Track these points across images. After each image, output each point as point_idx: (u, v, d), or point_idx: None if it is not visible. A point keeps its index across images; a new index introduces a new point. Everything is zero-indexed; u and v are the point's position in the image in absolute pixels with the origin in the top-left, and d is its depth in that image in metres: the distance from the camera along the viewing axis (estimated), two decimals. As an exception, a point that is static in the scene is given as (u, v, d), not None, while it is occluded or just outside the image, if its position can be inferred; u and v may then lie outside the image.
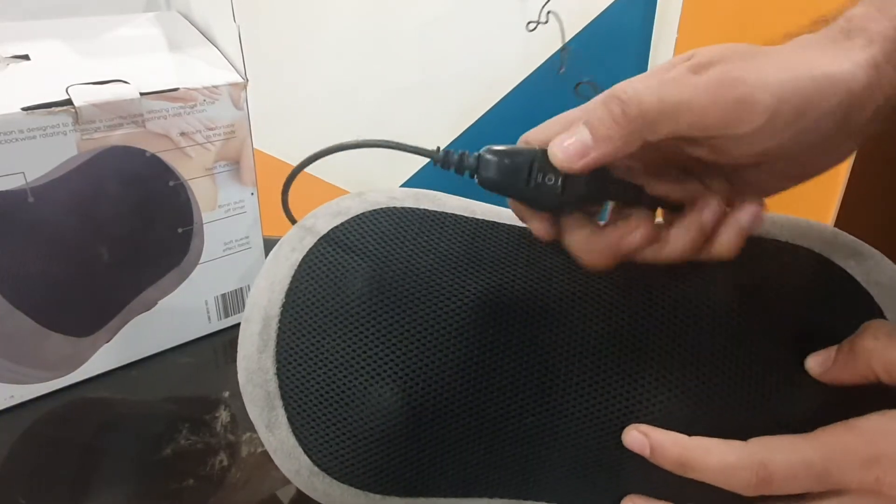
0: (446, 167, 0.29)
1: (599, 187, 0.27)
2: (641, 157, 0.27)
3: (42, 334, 0.42)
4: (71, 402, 0.44)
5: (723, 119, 0.23)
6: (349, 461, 0.29)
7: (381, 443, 0.29)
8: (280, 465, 0.31)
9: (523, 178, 0.27)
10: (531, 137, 0.28)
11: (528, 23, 0.96)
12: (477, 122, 1.06)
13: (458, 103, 1.02)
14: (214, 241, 0.48)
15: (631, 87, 0.24)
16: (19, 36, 0.43)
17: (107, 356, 0.46)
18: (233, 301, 0.51)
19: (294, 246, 0.32)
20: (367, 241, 0.32)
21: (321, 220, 0.33)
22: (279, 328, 0.31)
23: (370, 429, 0.29)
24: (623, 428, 0.29)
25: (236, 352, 0.32)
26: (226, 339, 0.51)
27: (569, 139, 0.25)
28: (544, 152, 0.27)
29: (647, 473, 0.28)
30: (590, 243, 0.28)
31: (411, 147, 0.29)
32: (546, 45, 0.99)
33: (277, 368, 0.30)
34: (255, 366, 0.31)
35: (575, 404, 0.29)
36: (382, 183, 1.09)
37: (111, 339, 0.46)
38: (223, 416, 0.43)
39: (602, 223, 0.29)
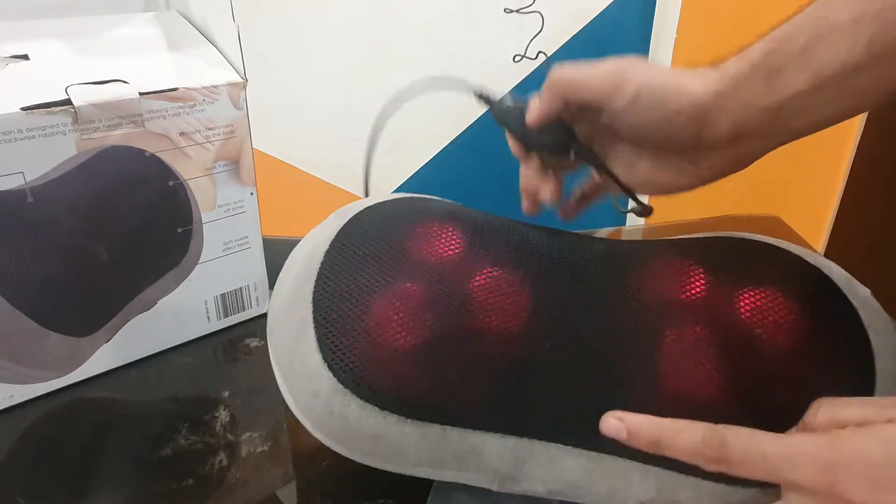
0: (481, 101, 0.41)
1: (557, 139, 0.39)
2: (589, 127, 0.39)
3: (42, 334, 0.42)
4: (71, 402, 0.44)
5: (606, 93, 0.35)
6: (373, 380, 0.31)
7: (406, 365, 0.31)
8: (298, 392, 0.32)
9: (513, 121, 0.39)
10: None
11: (515, 55, 0.96)
12: (475, 122, 1.06)
13: (457, 104, 1.02)
14: (214, 240, 0.48)
15: (559, 66, 0.37)
16: (18, 36, 0.43)
17: (106, 356, 0.46)
18: (232, 301, 0.51)
19: (340, 215, 0.37)
20: (409, 203, 0.38)
21: (363, 201, 0.39)
22: (321, 265, 0.34)
23: (397, 350, 0.31)
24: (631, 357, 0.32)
25: (236, 351, 0.33)
26: (225, 339, 0.51)
27: (531, 106, 0.39)
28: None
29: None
30: (532, 175, 0.42)
31: (459, 83, 0.41)
32: (540, 49, 0.99)
33: (315, 293, 0.33)
34: (292, 295, 0.33)
35: (594, 321, 0.33)
36: (382, 183, 1.09)
37: (111, 338, 0.46)
38: (223, 415, 0.43)
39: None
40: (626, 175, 0.39)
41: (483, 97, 0.41)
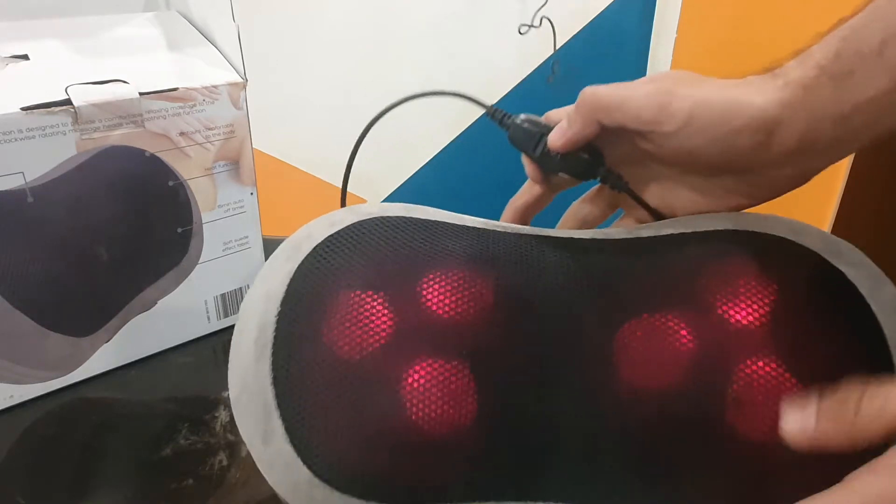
0: (493, 120, 0.38)
1: (583, 164, 0.36)
2: (618, 149, 0.35)
3: (41, 334, 0.42)
4: (70, 402, 0.44)
5: (652, 117, 0.31)
6: (351, 470, 0.29)
7: (385, 451, 0.29)
8: (276, 481, 0.30)
9: (533, 146, 0.37)
10: (552, 116, 0.37)
11: (521, 25, 0.96)
12: (474, 122, 1.06)
13: (457, 104, 1.03)
14: (214, 240, 0.48)
15: (592, 87, 0.32)
16: (19, 35, 0.43)
17: (106, 356, 0.46)
18: (232, 301, 0.51)
19: (288, 256, 0.32)
20: (363, 246, 0.32)
21: (315, 231, 0.33)
22: (275, 335, 0.30)
23: (373, 437, 0.29)
24: (620, 412, 0.29)
25: (236, 351, 0.32)
26: (225, 339, 0.50)
27: (558, 129, 0.35)
28: (550, 131, 0.36)
29: (645, 461, 0.29)
30: (540, 198, 0.39)
31: (473, 98, 0.39)
32: (540, 49, 0.99)
33: (274, 377, 0.29)
34: (250, 376, 0.30)
35: (571, 393, 0.30)
36: (382, 184, 1.10)
37: (111, 338, 0.46)
38: (223, 415, 0.43)
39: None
40: (664, 198, 0.35)
41: (496, 116, 0.38)
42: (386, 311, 0.30)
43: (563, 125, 0.34)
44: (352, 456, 0.29)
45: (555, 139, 0.35)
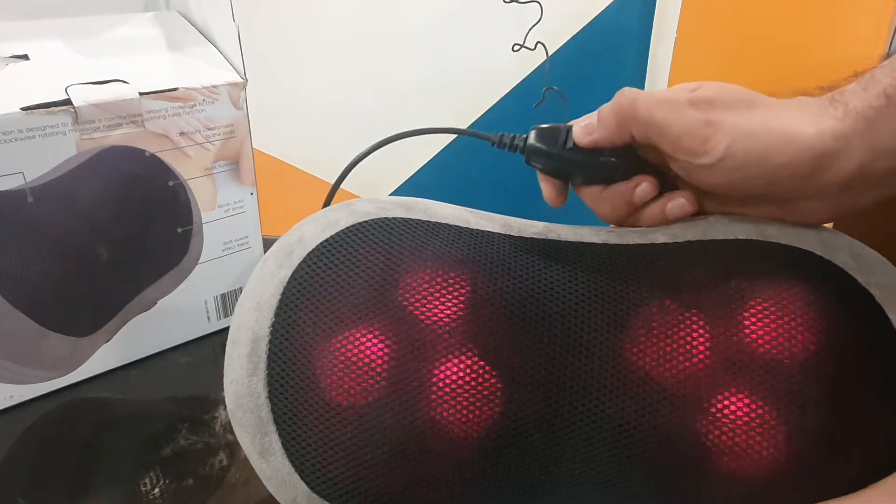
0: (502, 147, 0.35)
1: (617, 162, 0.32)
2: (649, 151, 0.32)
3: (41, 334, 0.42)
4: (70, 402, 0.44)
5: (688, 149, 0.28)
6: (349, 487, 0.28)
7: (382, 467, 0.28)
8: (275, 493, 0.30)
9: (561, 142, 0.33)
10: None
11: (514, 44, 0.96)
12: (474, 123, 1.06)
13: (455, 105, 1.02)
14: (214, 240, 0.48)
15: (635, 92, 0.29)
16: (18, 35, 0.43)
17: (106, 356, 0.46)
18: (232, 301, 0.51)
19: (281, 262, 0.31)
20: (359, 254, 0.30)
21: (308, 233, 0.31)
22: (269, 349, 0.29)
23: (370, 452, 0.28)
24: (632, 436, 0.28)
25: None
26: (225, 339, 0.50)
27: (585, 120, 0.32)
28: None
29: (657, 487, 0.28)
30: (601, 196, 0.33)
31: (476, 133, 0.37)
32: (536, 53, 0.99)
33: (269, 392, 0.29)
34: (244, 390, 0.29)
35: (581, 414, 0.28)
36: (383, 183, 1.09)
37: (110, 338, 0.46)
38: (222, 415, 0.43)
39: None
40: None
41: (504, 141, 0.35)
42: (383, 331, 0.29)
43: (593, 123, 0.31)
44: (350, 473, 0.28)
45: (580, 134, 0.31)
